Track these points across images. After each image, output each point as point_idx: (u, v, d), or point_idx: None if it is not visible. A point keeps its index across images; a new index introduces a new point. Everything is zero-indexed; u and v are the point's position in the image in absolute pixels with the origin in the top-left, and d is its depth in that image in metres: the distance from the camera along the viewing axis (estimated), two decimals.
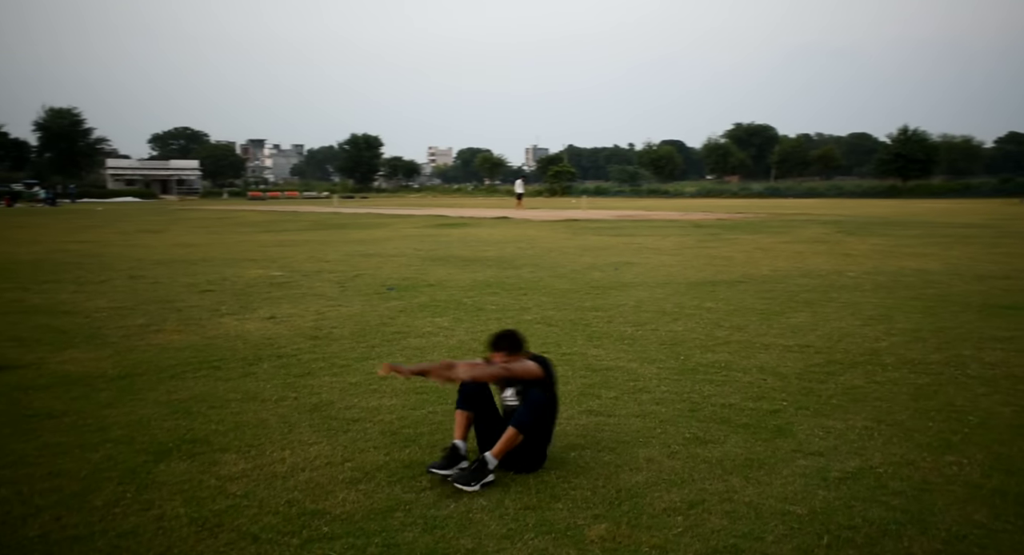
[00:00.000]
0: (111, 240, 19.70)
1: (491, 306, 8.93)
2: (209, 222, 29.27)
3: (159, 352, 6.54)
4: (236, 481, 3.76)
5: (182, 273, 12.13)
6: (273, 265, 13.33)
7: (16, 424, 4.60)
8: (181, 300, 9.33)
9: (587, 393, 5.37)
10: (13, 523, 3.27)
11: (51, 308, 8.72)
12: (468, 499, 3.60)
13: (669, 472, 3.94)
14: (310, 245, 17.76)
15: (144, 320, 7.97)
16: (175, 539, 3.13)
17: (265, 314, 8.38)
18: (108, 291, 10.10)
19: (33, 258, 14.74)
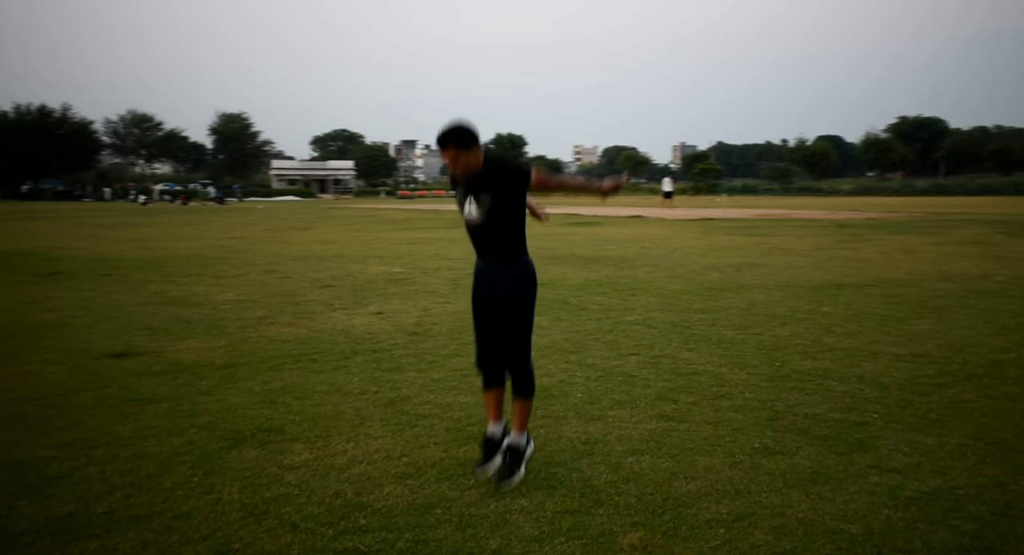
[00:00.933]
0: (260, 237, 20.98)
1: (595, 306, 8.86)
2: (353, 220, 30.62)
3: (267, 343, 6.91)
4: (295, 470, 3.93)
5: (312, 269, 12.76)
6: (397, 262, 13.79)
7: (120, 407, 4.99)
8: (302, 294, 9.82)
9: (664, 397, 5.23)
10: (89, 499, 3.55)
11: (186, 300, 9.40)
12: (509, 500, 3.61)
13: (725, 482, 3.78)
14: (438, 243, 18.23)
15: (263, 313, 8.45)
16: (222, 523, 3.31)
17: (375, 309, 8.69)
18: (240, 285, 10.77)
19: (189, 253, 15.90)
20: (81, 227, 25.74)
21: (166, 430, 4.54)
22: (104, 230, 24.17)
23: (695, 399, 5.20)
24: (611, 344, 6.88)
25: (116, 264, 13.57)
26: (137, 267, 13.05)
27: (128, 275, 11.88)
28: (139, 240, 19.51)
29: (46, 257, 14.82)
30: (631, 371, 5.94)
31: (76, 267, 13.00)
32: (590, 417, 4.84)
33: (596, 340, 7.05)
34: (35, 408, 4.96)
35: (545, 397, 5.21)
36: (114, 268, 12.89)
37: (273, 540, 3.17)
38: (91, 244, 18.24)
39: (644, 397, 5.24)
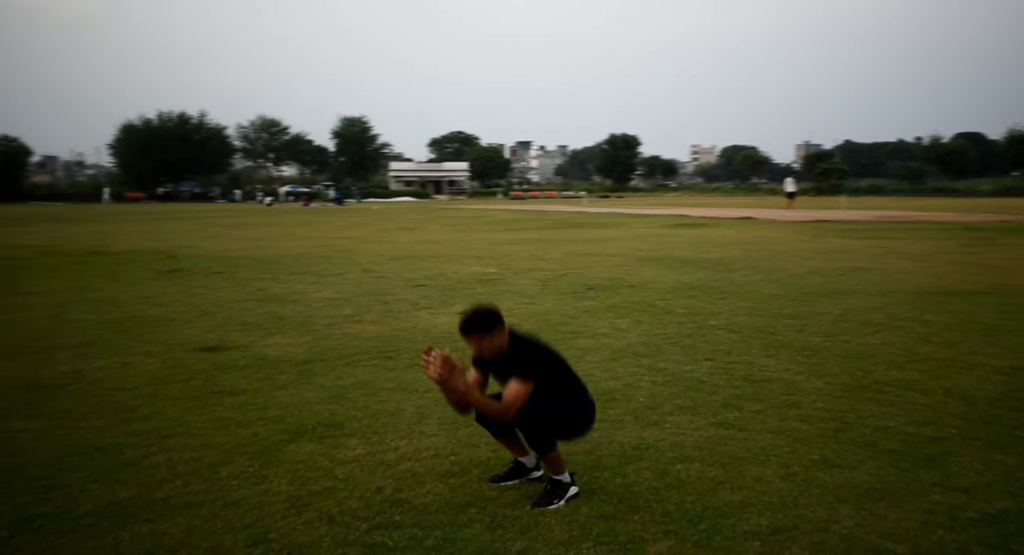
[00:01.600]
0: (368, 237, 21.65)
1: (681, 309, 8.69)
2: (461, 220, 31.13)
3: (348, 340, 7.15)
4: (345, 465, 4.06)
5: (409, 268, 13.07)
6: (493, 262, 13.94)
7: (200, 399, 5.28)
8: (393, 293, 10.08)
9: (730, 404, 5.09)
10: (151, 485, 3.78)
11: (284, 297, 9.82)
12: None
13: (773, 494, 3.66)
14: (538, 244, 18.30)
15: (352, 311, 8.73)
16: (265, 513, 3.46)
17: (459, 309, 8.80)
18: (338, 283, 11.16)
19: (298, 252, 16.57)
20: (208, 227, 27.24)
21: (236, 422, 4.77)
22: (227, 230, 25.51)
23: (761, 407, 5.04)
24: (688, 348, 6.74)
25: (230, 262, 14.31)
26: (248, 265, 13.72)
27: (238, 273, 12.51)
28: (255, 239, 20.49)
29: (170, 255, 15.79)
30: (701, 377, 5.81)
31: (194, 265, 13.78)
32: (648, 422, 4.77)
33: (673, 344, 6.93)
34: (125, 397, 5.30)
35: (606, 401, 5.17)
36: (227, 266, 13.60)
37: (308, 532, 3.28)
38: (213, 243, 19.28)
39: (708, 403, 5.12)
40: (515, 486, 3.81)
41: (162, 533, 3.24)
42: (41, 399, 5.23)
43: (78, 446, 4.30)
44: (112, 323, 7.99)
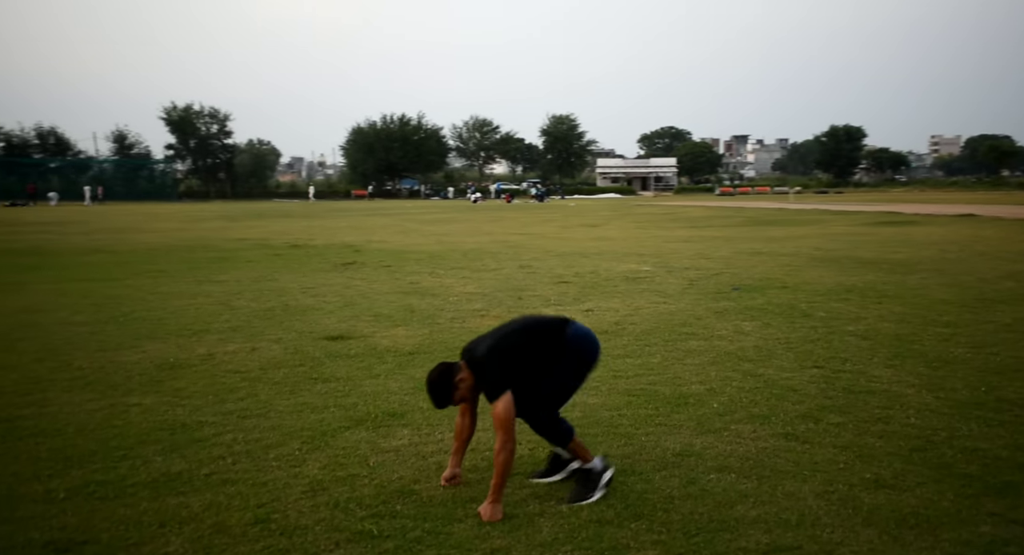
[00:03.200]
0: (546, 233, 21.95)
1: (822, 313, 8.11)
2: (648, 217, 30.72)
3: (462, 334, 7.34)
4: (382, 454, 4.22)
5: (565, 265, 13.14)
6: (651, 261, 13.68)
7: (297, 384, 5.67)
8: (532, 289, 10.20)
9: (809, 415, 4.74)
10: (204, 462, 4.13)
11: (429, 290, 10.24)
12: (554, 504, 3.57)
13: (795, 512, 3.40)
14: (712, 242, 17.71)
15: (481, 305, 8.95)
16: (282, 495, 3.67)
17: (588, 307, 8.78)
18: (488, 278, 11.45)
19: (471, 248, 17.13)
20: (408, 223, 28.83)
21: (313, 407, 5.08)
22: (423, 225, 26.86)
23: (844, 420, 4.64)
24: (802, 354, 6.31)
25: (404, 256, 15.10)
26: (418, 260, 14.42)
27: (404, 267, 13.19)
28: (441, 235, 21.43)
29: (356, 249, 16.92)
30: (797, 384, 5.43)
31: (371, 259, 14.69)
32: (707, 429, 4.54)
33: (789, 349, 6.50)
34: (234, 379, 5.81)
35: (677, 405, 4.99)
36: (399, 260, 14.37)
37: (310, 515, 3.46)
38: (402, 238, 20.40)
39: (786, 413, 4.79)
40: (531, 486, 3.79)
41: (184, 506, 3.54)
42: (166, 378, 5.85)
43: (168, 422, 4.78)
44: (266, 311, 8.74)
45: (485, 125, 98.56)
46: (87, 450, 4.27)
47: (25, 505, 3.55)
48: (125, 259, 15.09)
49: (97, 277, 12.05)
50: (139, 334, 7.44)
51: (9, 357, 6.51)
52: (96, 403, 5.18)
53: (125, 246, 18.23)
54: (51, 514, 3.44)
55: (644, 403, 5.07)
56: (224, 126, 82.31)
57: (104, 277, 12.04)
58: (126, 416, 4.90)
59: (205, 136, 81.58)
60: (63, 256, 15.84)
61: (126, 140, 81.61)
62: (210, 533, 3.26)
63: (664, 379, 5.66)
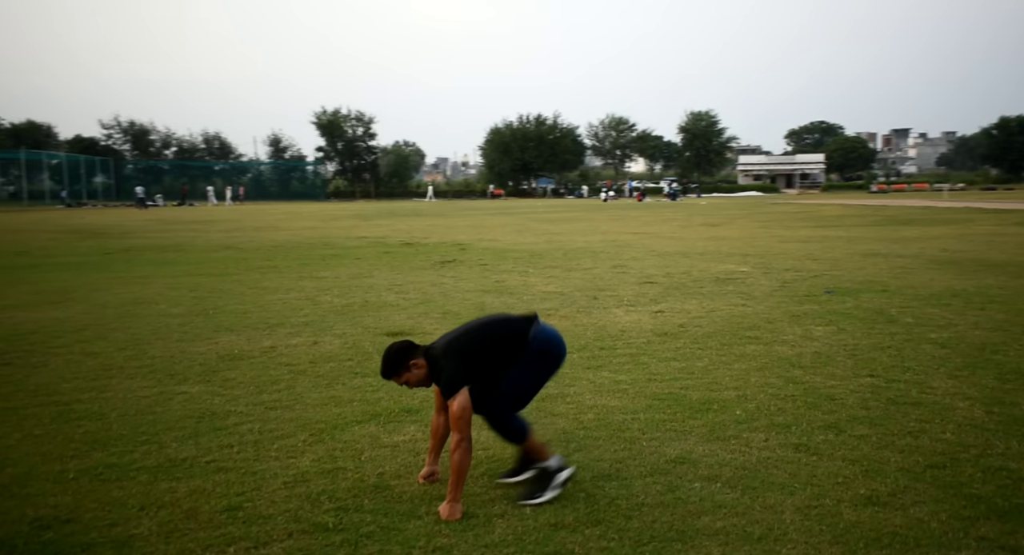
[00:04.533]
0: (661, 232, 21.53)
1: (910, 319, 7.57)
2: (779, 216, 29.52)
3: None
4: (379, 449, 4.29)
5: (660, 264, 12.86)
6: (754, 261, 13.16)
7: (336, 378, 5.84)
8: (612, 289, 10.05)
9: (834, 426, 4.48)
10: (211, 449, 4.33)
11: (509, 289, 10.29)
12: (518, 506, 3.53)
13: (763, 526, 3.25)
14: (830, 242, 16.85)
15: (554, 305, 8.91)
16: (263, 485, 3.80)
17: (660, 308, 8.57)
18: (575, 278, 11.37)
19: (576, 247, 17.03)
20: (528, 222, 28.99)
21: (338, 401, 5.24)
22: (540, 224, 26.94)
23: (870, 432, 4.34)
24: (863, 362, 5.92)
25: (505, 255, 15.23)
26: (516, 258, 14.50)
27: (498, 265, 13.31)
28: (554, 234, 21.44)
29: (462, 248, 17.22)
30: (838, 394, 5.12)
31: (471, 257, 14.92)
32: (717, 436, 4.36)
33: (851, 357, 6.12)
34: (282, 372, 6.07)
35: (698, 410, 4.81)
36: (498, 258, 14.52)
37: (280, 505, 3.56)
38: (513, 237, 20.57)
39: (810, 423, 4.53)
40: (513, 487, 3.75)
41: (171, 491, 3.73)
42: (223, 368, 6.18)
43: (201, 410, 5.06)
44: (345, 306, 9.06)
45: (621, 123, 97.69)
46: (116, 434, 4.59)
47: (36, 483, 3.85)
48: (246, 255, 16.02)
49: (213, 272, 12.86)
50: (219, 326, 7.89)
51: (98, 345, 7.07)
52: (149, 390, 5.55)
53: (253, 243, 19.35)
54: (52, 493, 3.72)
55: (665, 407, 4.92)
56: (368, 129, 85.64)
57: (219, 272, 12.85)
58: (168, 404, 5.22)
59: (351, 138, 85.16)
60: (196, 252, 17.01)
61: (280, 143, 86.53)
62: (181, 518, 3.43)
63: (699, 384, 5.46)
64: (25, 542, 3.20)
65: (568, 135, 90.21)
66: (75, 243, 20.14)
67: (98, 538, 3.23)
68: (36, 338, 7.38)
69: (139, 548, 3.15)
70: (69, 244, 19.81)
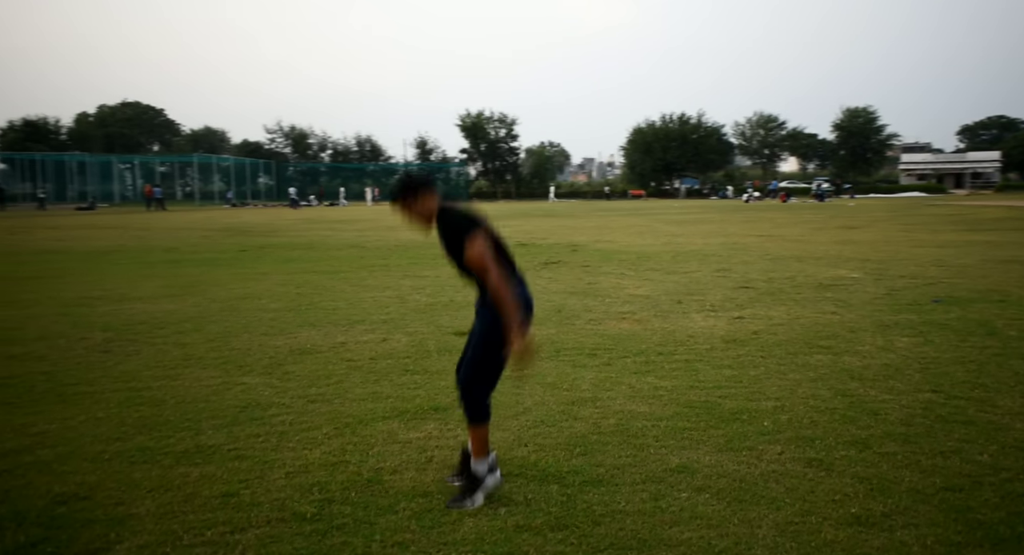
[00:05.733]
0: (788, 235, 20.65)
1: (1014, 332, 6.99)
2: (928, 219, 27.66)
3: (584, 336, 7.31)
4: (390, 444, 4.41)
5: (766, 269, 12.38)
6: (870, 266, 12.43)
7: (387, 374, 6.03)
8: (702, 293, 9.78)
9: (861, 442, 4.27)
10: (239, 438, 4.58)
11: (596, 291, 10.21)
12: (497, 507, 3.55)
13: (730, 540, 3.17)
14: (968, 248, 15.67)
15: (632, 309, 8.77)
16: (267, 474, 3.99)
17: (743, 313, 8.28)
18: (671, 281, 11.14)
19: (693, 249, 16.65)
20: (654, 223, 28.58)
21: (376, 396, 5.41)
22: (667, 226, 26.45)
23: (899, 450, 4.10)
24: (933, 377, 5.55)
25: (612, 257, 15.11)
26: (621, 260, 14.36)
27: (600, 267, 13.23)
28: (675, 236, 21.04)
29: (574, 248, 17.22)
30: (885, 409, 4.85)
31: (578, 258, 14.90)
32: (730, 447, 4.23)
33: (922, 371, 5.73)
34: (341, 367, 6.31)
35: (724, 420, 4.68)
36: (603, 260, 14.42)
37: (271, 493, 3.74)
38: (631, 238, 20.33)
39: (838, 437, 4.31)
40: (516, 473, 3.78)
41: (184, 476, 3.98)
42: (288, 362, 6.52)
43: (250, 400, 5.36)
44: (429, 305, 9.30)
45: (770, 121, 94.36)
46: (164, 420, 4.95)
47: (74, 462, 4.22)
48: (365, 254, 16.70)
49: (327, 269, 13.51)
50: (305, 322, 8.30)
51: (191, 337, 7.61)
52: (213, 380, 5.93)
53: (378, 242, 20.12)
54: (84, 471, 4.07)
55: (692, 415, 4.79)
56: (511, 130, 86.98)
57: (332, 269, 13.48)
58: (223, 394, 5.57)
59: (494, 140, 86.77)
60: (322, 250, 17.90)
61: (426, 145, 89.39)
62: (180, 501, 3.68)
63: (741, 393, 5.26)
64: (37, 515, 3.53)
65: (713, 134, 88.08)
66: (220, 241, 21.66)
67: (100, 516, 3.52)
68: (142, 328, 8.04)
69: (131, 527, 3.40)
70: (215, 241, 21.32)
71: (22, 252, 18.23)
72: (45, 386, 5.78)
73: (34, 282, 12.14)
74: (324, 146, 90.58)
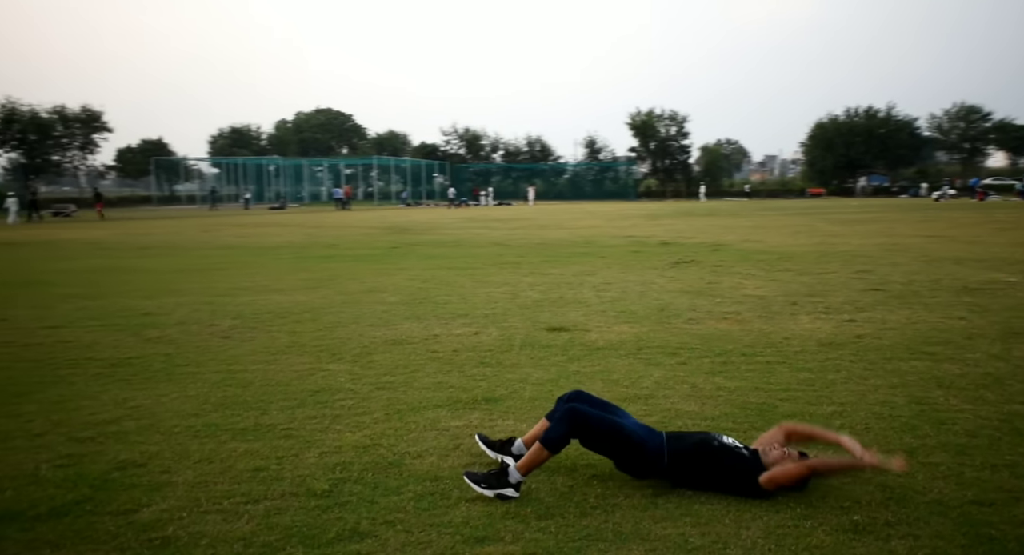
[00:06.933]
0: (960, 236, 19.05)
1: None
2: None
3: (675, 335, 7.16)
4: (426, 431, 4.56)
5: (910, 271, 11.57)
6: None
7: (462, 367, 6.17)
8: (823, 296, 9.27)
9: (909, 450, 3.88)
10: (294, 419, 4.89)
11: (713, 291, 9.91)
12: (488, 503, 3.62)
13: (712, 537, 3.11)
14: None
15: (744, 308, 8.47)
16: (303, 451, 4.27)
17: (856, 317, 7.80)
18: (797, 282, 10.62)
19: (844, 249, 15.75)
20: (817, 223, 27.17)
21: (440, 386, 5.58)
22: (832, 225, 25.07)
23: (946, 461, 3.87)
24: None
25: (751, 257, 14.57)
26: (759, 261, 13.82)
27: (732, 267, 12.80)
28: (832, 236, 19.94)
29: (715, 248, 16.74)
30: (956, 419, 4.56)
31: (715, 258, 14.49)
32: None
33: None
34: (423, 358, 6.52)
35: (771, 423, 4.44)
36: (741, 260, 13.94)
37: (297, 470, 3.98)
38: (783, 238, 19.44)
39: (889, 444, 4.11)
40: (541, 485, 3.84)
41: (232, 451, 4.29)
42: (377, 351, 6.82)
43: (324, 385, 5.67)
44: (536, 302, 9.39)
45: (972, 112, 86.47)
46: (241, 400, 5.36)
47: (149, 434, 4.67)
48: (504, 251, 17.04)
49: (460, 266, 13.93)
50: (412, 315, 8.66)
51: (304, 326, 8.14)
52: (303, 366, 6.34)
53: (522, 240, 20.45)
54: (152, 443, 4.50)
55: (739, 416, 4.66)
56: (682, 128, 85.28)
57: (465, 266, 13.89)
58: (306, 378, 5.95)
59: (664, 138, 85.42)
60: (466, 247, 18.44)
61: (595, 144, 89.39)
62: (216, 472, 4.01)
63: (805, 396, 5.03)
64: (94, 478, 3.94)
65: (903, 128, 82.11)
66: (378, 238, 22.82)
67: (144, 482, 3.90)
68: (267, 317, 8.69)
69: (164, 493, 3.75)
70: (373, 238, 22.49)
71: (205, 247, 20.07)
72: (160, 366, 6.42)
73: (200, 274, 13.39)
74: (496, 147, 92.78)
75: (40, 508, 3.56)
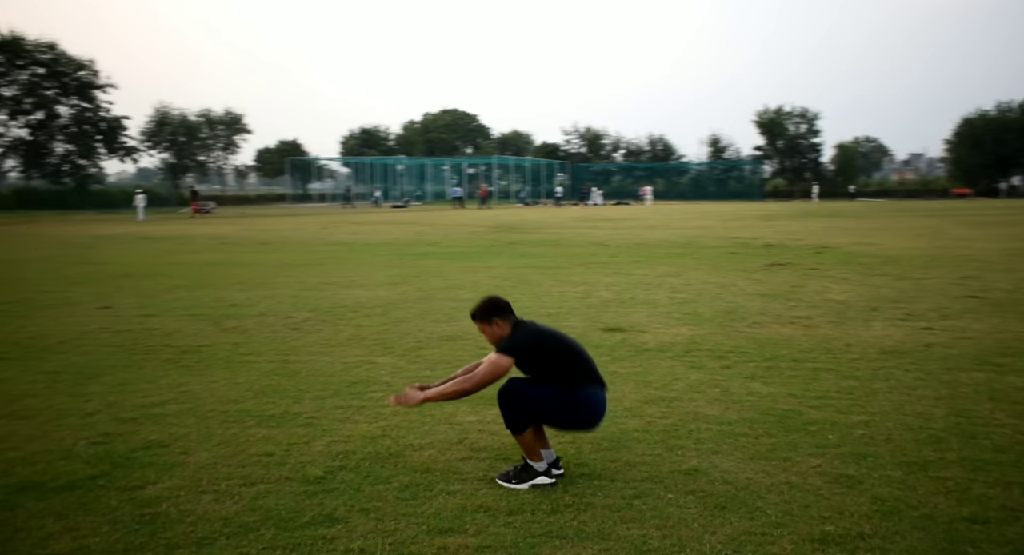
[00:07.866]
0: None
1: None
2: None
3: (731, 339, 6.96)
4: (440, 424, 4.66)
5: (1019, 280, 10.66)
6: None
7: None
8: (908, 302, 8.77)
9: (919, 464, 3.86)
10: (321, 408, 5.07)
11: (790, 294, 9.54)
12: (474, 490, 3.66)
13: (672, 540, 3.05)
14: None
15: (819, 313, 8.14)
16: (314, 438, 4.43)
17: (934, 325, 7.36)
18: (889, 287, 10.08)
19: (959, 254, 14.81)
20: (948, 226, 25.55)
21: None
22: (963, 228, 23.54)
23: (959, 476, 3.65)
24: None
25: (857, 259, 13.92)
26: (861, 263, 13.18)
27: (828, 271, 12.27)
28: (956, 240, 18.73)
29: (819, 250, 16.07)
30: (987, 433, 4.29)
31: (815, 261, 13.93)
32: (763, 456, 4.05)
33: None
34: (465, 354, 6.57)
35: (788, 430, 4.40)
36: (840, 263, 13.34)
37: (301, 457, 4.14)
38: (899, 242, 18.41)
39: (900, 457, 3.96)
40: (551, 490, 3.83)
41: (252, 435, 4.51)
42: (426, 347, 6.95)
43: (363, 377, 5.85)
44: (604, 302, 9.31)
45: None
46: (281, 388, 5.60)
47: (185, 417, 4.95)
48: (599, 251, 16.95)
49: (549, 265, 13.96)
50: None
51: (371, 320, 8.39)
52: (353, 358, 6.55)
53: (620, 241, 20.23)
54: (183, 425, 4.77)
55: (760, 421, 4.54)
56: (812, 125, 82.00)
57: (550, 265, 13.92)
58: (351, 370, 6.15)
59: (793, 136, 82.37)
60: (563, 246, 18.43)
61: (719, 143, 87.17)
62: (228, 455, 4.22)
63: (838, 405, 4.84)
64: (119, 456, 4.22)
65: None
66: (482, 236, 23.13)
67: (160, 461, 4.14)
68: (340, 311, 9.01)
69: (173, 472, 3.98)
70: (476, 237, 22.81)
71: (316, 243, 20.92)
72: (226, 354, 6.78)
73: (299, 268, 14.00)
74: (617, 146, 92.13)
75: (60, 481, 3.86)
